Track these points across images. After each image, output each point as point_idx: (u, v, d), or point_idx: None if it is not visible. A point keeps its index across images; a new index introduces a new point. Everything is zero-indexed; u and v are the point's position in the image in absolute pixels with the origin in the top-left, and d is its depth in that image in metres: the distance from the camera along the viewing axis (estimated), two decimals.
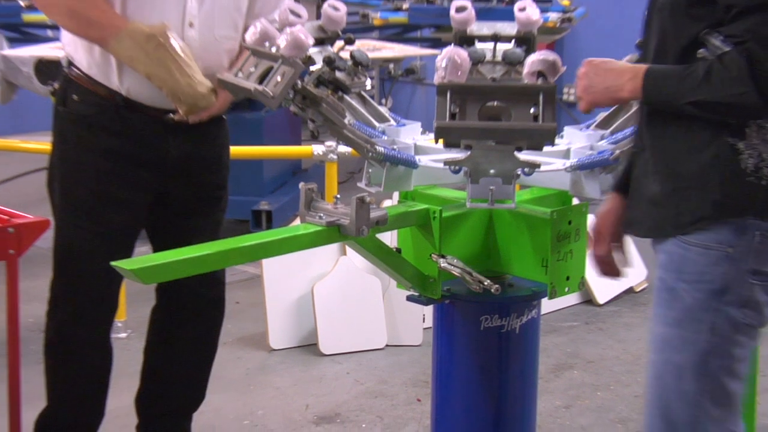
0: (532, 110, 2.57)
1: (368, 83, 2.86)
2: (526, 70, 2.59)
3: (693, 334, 2.32)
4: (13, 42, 5.68)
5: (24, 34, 5.79)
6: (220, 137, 3.39)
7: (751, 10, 2.17)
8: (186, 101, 3.05)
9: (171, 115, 3.14)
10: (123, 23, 3.01)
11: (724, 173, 2.29)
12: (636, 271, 5.35)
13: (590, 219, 2.84)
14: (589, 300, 5.41)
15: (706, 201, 2.30)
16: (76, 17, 3.05)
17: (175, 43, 3.03)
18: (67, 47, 3.23)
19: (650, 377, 2.42)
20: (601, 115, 2.96)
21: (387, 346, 4.83)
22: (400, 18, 6.12)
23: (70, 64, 3.21)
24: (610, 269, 2.70)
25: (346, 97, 2.80)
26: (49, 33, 6.63)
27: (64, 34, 3.23)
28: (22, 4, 5.66)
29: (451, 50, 2.66)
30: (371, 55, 2.96)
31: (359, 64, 2.78)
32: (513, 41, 2.85)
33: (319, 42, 2.86)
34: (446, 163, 2.71)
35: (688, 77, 2.25)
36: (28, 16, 5.64)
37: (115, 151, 3.17)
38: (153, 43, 2.99)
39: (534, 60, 2.57)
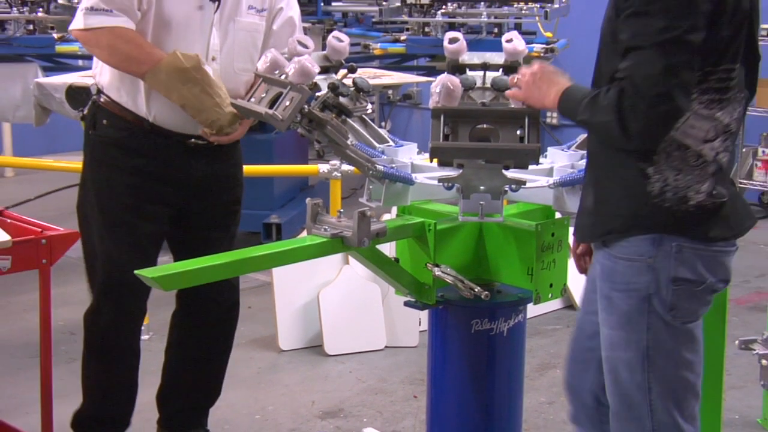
0: (518, 132, 2.57)
1: (369, 107, 2.86)
2: None
3: (634, 335, 2.38)
4: (47, 70, 5.69)
5: (57, 63, 5.80)
6: (235, 157, 3.40)
7: (630, 50, 2.21)
8: (214, 127, 3.07)
9: (194, 140, 3.16)
10: (159, 58, 3.03)
11: (632, 194, 2.33)
12: None
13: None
14: (570, 305, 5.40)
15: (616, 217, 2.36)
16: (117, 54, 3.07)
17: (209, 70, 3.06)
18: (98, 76, 3.23)
19: (606, 372, 2.46)
20: (582, 137, 2.96)
21: (386, 347, 4.82)
22: (398, 48, 6.13)
23: (99, 91, 3.22)
24: None
25: (349, 120, 2.80)
26: (80, 62, 6.63)
27: (95, 64, 3.25)
28: (55, 36, 5.67)
29: (444, 78, 2.67)
30: (372, 82, 2.96)
31: (361, 90, 2.78)
32: (501, 70, 2.85)
33: (325, 70, 2.87)
34: (440, 180, 2.72)
35: (583, 100, 2.30)
36: (61, 47, 5.64)
37: (143, 169, 3.19)
38: (186, 77, 3.01)
39: None
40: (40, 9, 5.57)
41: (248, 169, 5.25)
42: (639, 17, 2.19)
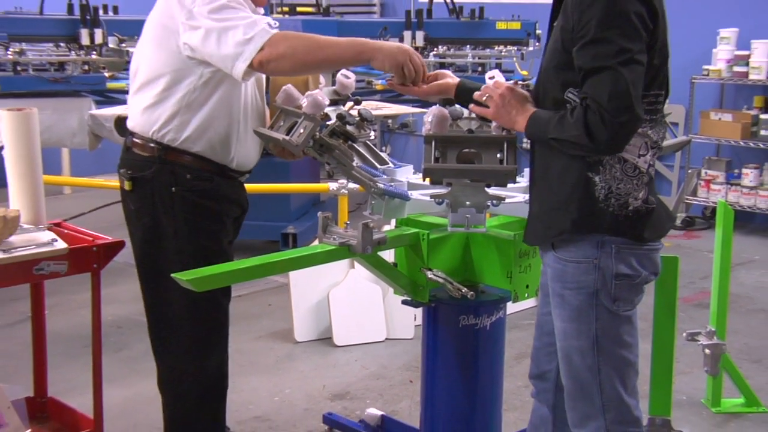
0: (498, 155, 2.56)
1: (372, 134, 2.85)
2: (494, 124, 2.59)
3: (584, 325, 2.38)
4: (99, 104, 5.68)
5: (107, 98, 5.79)
6: None
7: (589, 73, 2.21)
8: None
9: (245, 175, 3.02)
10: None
11: (581, 199, 2.33)
12: None
13: None
14: None
15: (567, 219, 2.35)
16: (307, 48, 2.68)
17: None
18: (170, 135, 2.81)
19: (561, 358, 2.46)
20: None
21: (386, 339, 4.80)
22: None
23: (168, 148, 2.82)
24: None
25: (355, 145, 2.79)
26: (127, 97, 6.60)
27: (162, 123, 2.81)
28: (106, 75, 5.67)
29: (435, 109, 2.66)
30: (374, 112, 2.95)
31: (365, 119, 2.77)
32: None
33: (334, 102, 2.86)
34: (432, 196, 2.71)
35: (552, 120, 2.29)
36: (111, 84, 5.64)
37: (225, 213, 2.96)
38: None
39: None
40: (94, 52, 5.57)
41: (268, 187, 5.28)
42: (597, 43, 2.19)
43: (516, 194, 2.87)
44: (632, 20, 2.17)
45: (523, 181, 2.96)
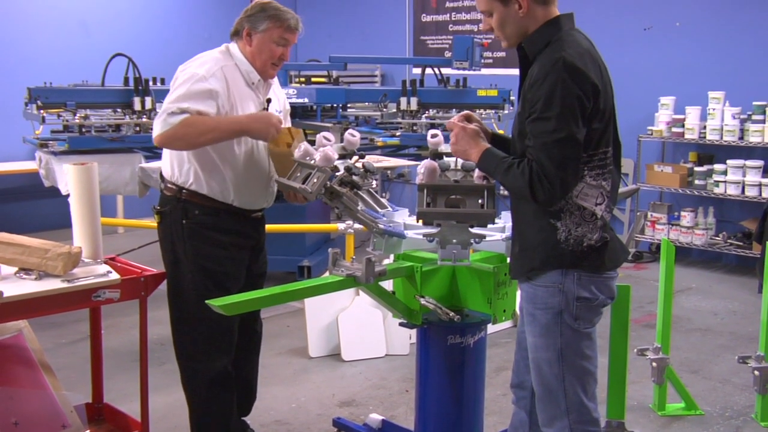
0: (480, 201, 2.56)
1: (374, 183, 2.86)
2: (476, 174, 2.59)
3: (551, 340, 2.37)
4: (148, 158, 5.70)
5: (154, 153, 5.81)
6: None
7: (534, 144, 2.24)
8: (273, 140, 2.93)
9: (257, 213, 3.08)
10: (234, 117, 2.89)
11: (545, 242, 2.35)
12: None
13: None
14: (517, 325, 5.35)
15: (536, 258, 2.37)
16: (217, 131, 2.85)
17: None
18: (179, 178, 2.99)
19: (532, 368, 2.45)
20: None
21: (386, 354, 4.76)
22: (395, 141, 6.13)
23: (181, 189, 2.99)
24: None
25: (360, 192, 2.79)
26: None
27: (179, 171, 2.99)
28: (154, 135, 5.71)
29: (427, 162, 2.66)
30: (376, 165, 2.96)
31: (368, 170, 2.77)
32: None
33: (342, 156, 2.87)
34: (425, 235, 2.71)
35: (502, 164, 2.33)
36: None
37: (232, 243, 3.04)
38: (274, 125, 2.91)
39: None
40: (144, 116, 5.61)
41: (287, 227, 5.28)
42: (540, 120, 2.22)
43: (495, 233, 2.86)
44: (569, 103, 2.20)
45: (501, 222, 2.96)
